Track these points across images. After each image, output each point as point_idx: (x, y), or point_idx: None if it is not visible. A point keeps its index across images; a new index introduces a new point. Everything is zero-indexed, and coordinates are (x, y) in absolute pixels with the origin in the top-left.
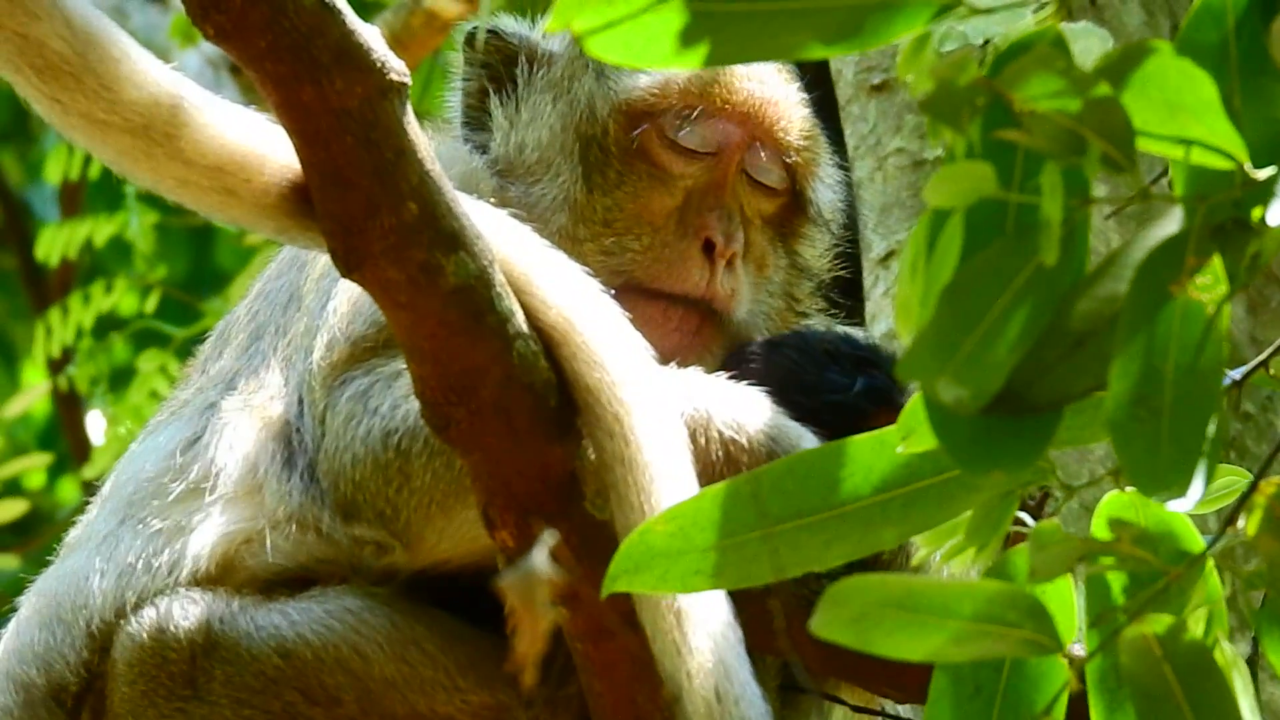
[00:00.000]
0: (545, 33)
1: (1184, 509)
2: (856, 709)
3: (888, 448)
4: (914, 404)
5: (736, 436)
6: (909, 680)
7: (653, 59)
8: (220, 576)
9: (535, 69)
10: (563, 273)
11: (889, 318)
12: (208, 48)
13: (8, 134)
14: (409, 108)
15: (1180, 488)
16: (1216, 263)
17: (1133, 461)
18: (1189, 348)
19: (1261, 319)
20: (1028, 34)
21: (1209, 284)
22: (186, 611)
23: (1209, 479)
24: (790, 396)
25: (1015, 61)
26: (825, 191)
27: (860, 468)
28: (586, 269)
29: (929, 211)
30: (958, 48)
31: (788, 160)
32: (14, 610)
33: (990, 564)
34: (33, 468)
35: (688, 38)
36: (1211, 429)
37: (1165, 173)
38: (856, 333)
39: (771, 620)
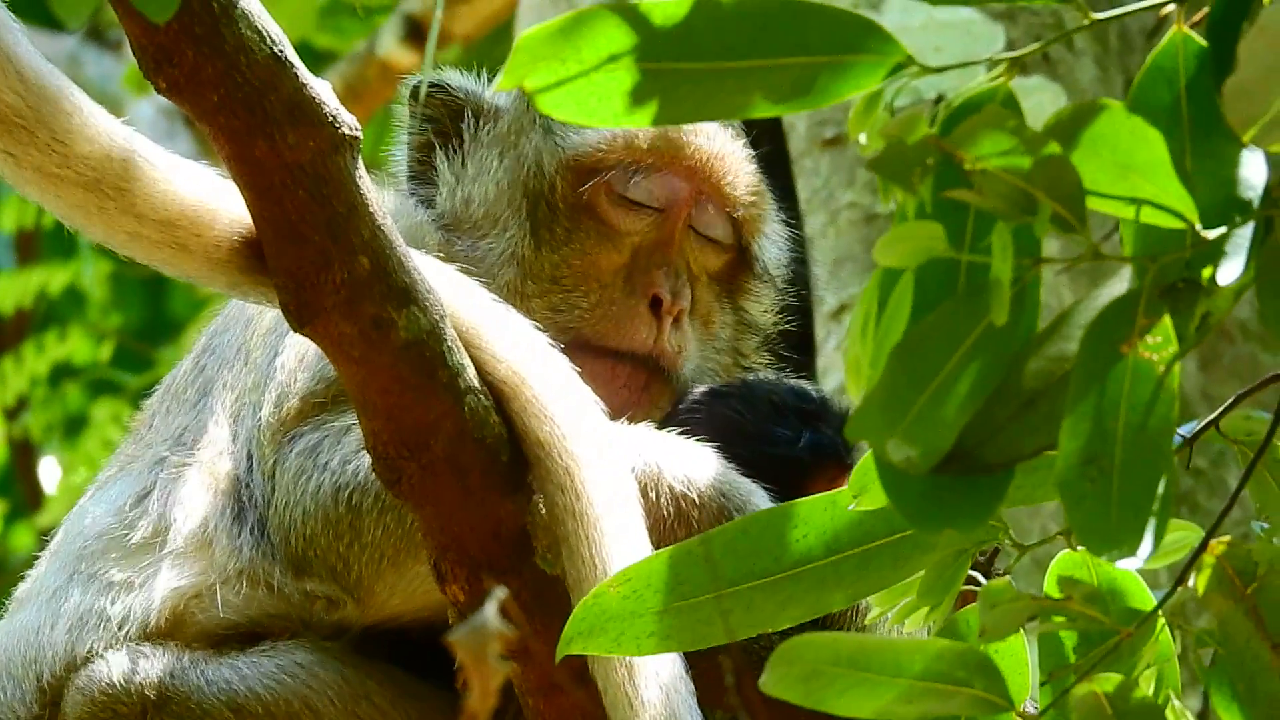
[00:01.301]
0: (497, 90)
1: (1134, 567)
2: None
3: (840, 507)
4: (865, 462)
5: (687, 491)
6: None
7: (605, 117)
8: (171, 631)
9: (481, 124)
10: (512, 327)
11: (841, 372)
12: (163, 99)
13: None
14: (360, 162)
15: (1130, 547)
16: (1167, 322)
17: (1083, 522)
18: (1139, 407)
19: (1213, 375)
20: (979, 92)
21: (1159, 344)
22: (137, 666)
23: (1159, 538)
24: (733, 447)
25: (966, 121)
26: (772, 248)
27: (813, 528)
28: (535, 325)
29: (879, 271)
30: (909, 105)
31: (734, 216)
32: None
33: (942, 623)
34: None
35: (640, 96)
36: (1161, 488)
37: (1116, 229)
38: (806, 386)
39: (722, 675)
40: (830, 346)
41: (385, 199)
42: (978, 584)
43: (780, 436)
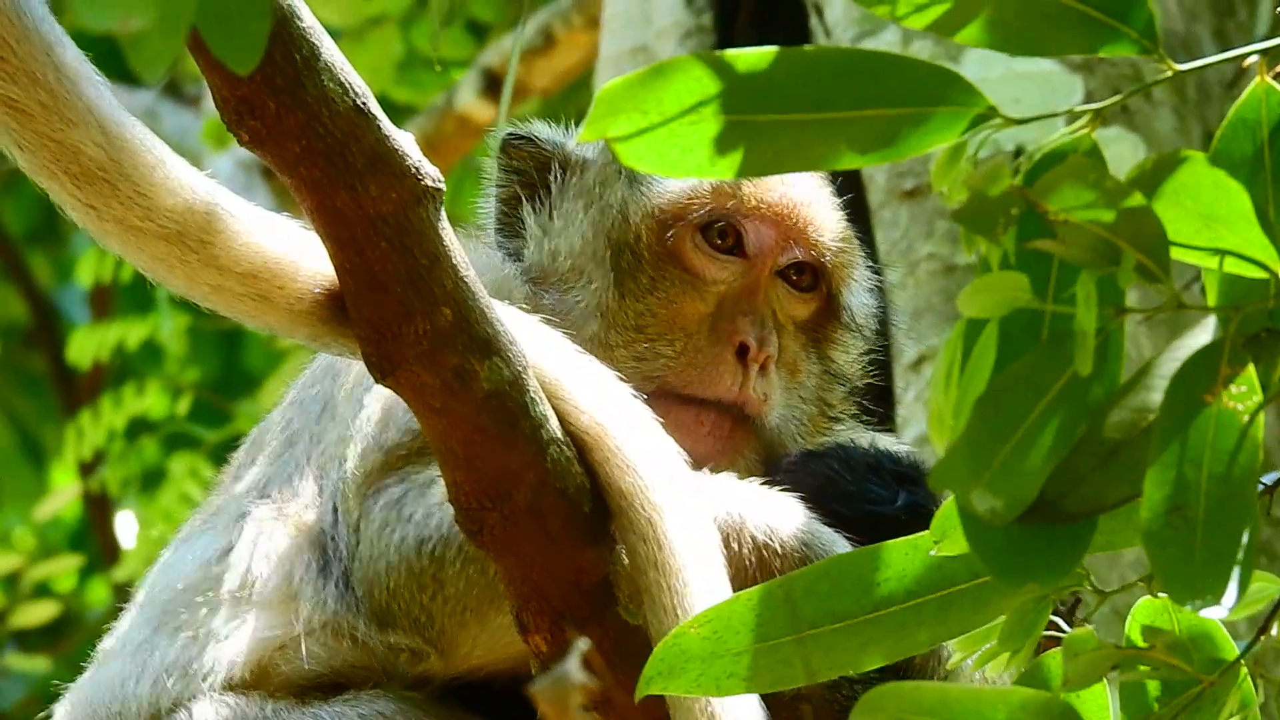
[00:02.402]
0: (579, 141)
1: (1219, 617)
2: None
3: (921, 551)
4: (948, 508)
5: (770, 541)
6: None
7: (686, 168)
8: (255, 682)
9: (569, 176)
10: (595, 378)
11: (921, 423)
12: (240, 152)
13: (38, 235)
14: (443, 213)
15: (1215, 595)
16: (1251, 372)
17: (1167, 569)
18: (1223, 457)
19: None
20: (1062, 144)
21: (1243, 393)
22: (220, 715)
23: (1244, 586)
24: (830, 505)
25: (1049, 171)
26: (859, 295)
27: (894, 572)
28: (619, 375)
29: (963, 321)
30: (989, 157)
31: (822, 264)
32: (48, 717)
33: (1023, 669)
34: (63, 570)
35: (721, 147)
36: (1246, 537)
37: (1197, 278)
38: (897, 448)
39: None
40: (910, 398)
41: (473, 251)
42: (1059, 630)
43: (878, 496)
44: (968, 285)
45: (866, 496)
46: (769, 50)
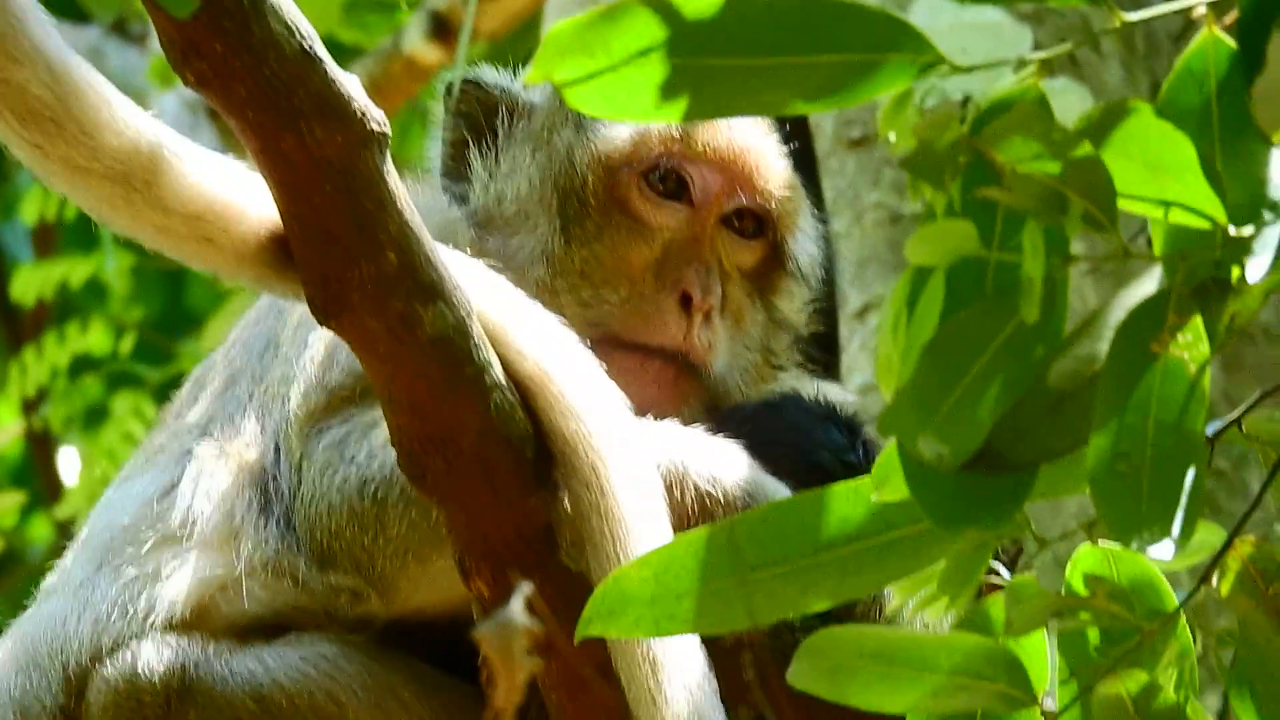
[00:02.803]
0: (525, 84)
1: (1164, 556)
2: None
3: (863, 497)
4: (888, 454)
5: (713, 490)
6: None
7: (633, 112)
8: (195, 622)
9: (515, 120)
10: (539, 324)
11: (865, 372)
12: (187, 91)
13: None
14: (389, 157)
15: (1161, 531)
16: (1197, 321)
17: (1113, 515)
18: (1170, 405)
19: (1236, 377)
20: (1010, 92)
21: (1190, 342)
22: (161, 656)
23: (1189, 527)
24: (803, 452)
25: (997, 120)
26: (805, 244)
27: (836, 517)
28: (563, 321)
29: (910, 269)
30: (938, 105)
31: (767, 210)
32: None
33: (963, 614)
34: (5, 507)
35: (669, 91)
36: (1191, 480)
37: (1143, 230)
38: (841, 398)
39: (744, 672)
40: (855, 346)
41: (419, 195)
42: (1001, 577)
43: (839, 444)
44: (914, 233)
45: (835, 445)
46: None
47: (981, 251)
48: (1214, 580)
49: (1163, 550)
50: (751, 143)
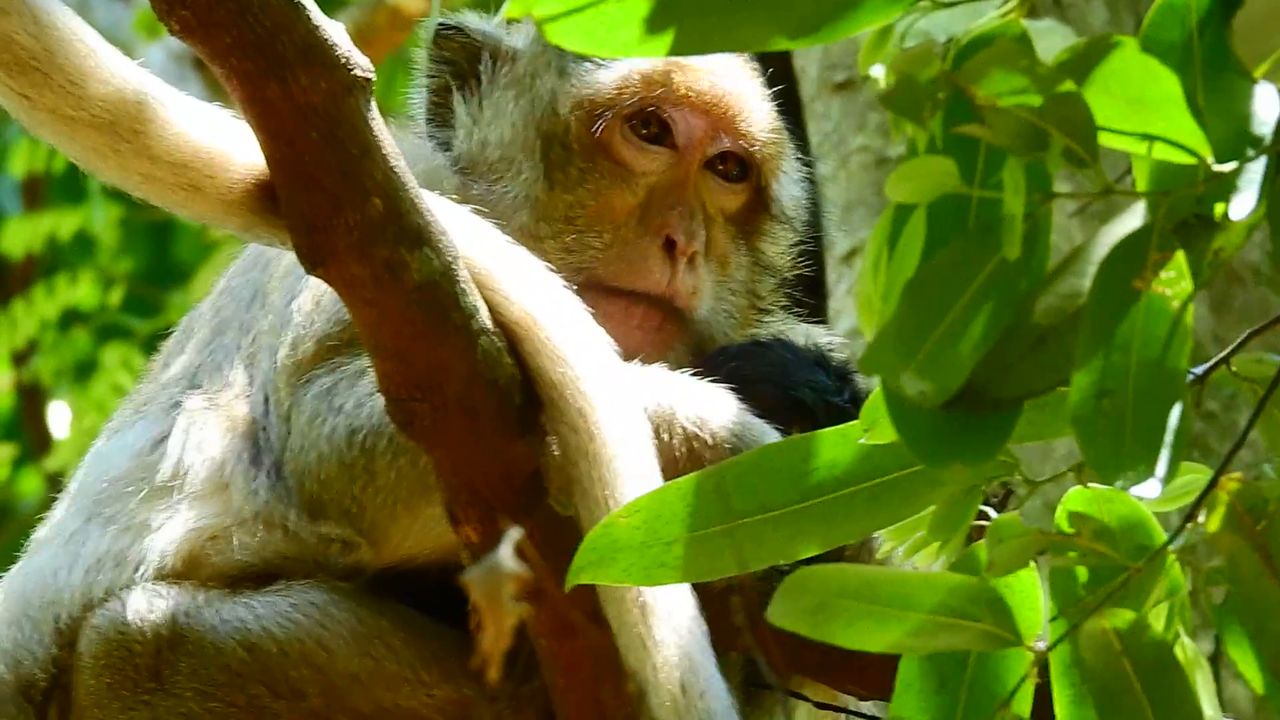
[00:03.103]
0: (506, 21)
1: (1149, 494)
2: (820, 705)
3: (851, 442)
4: (875, 397)
5: (700, 432)
6: (872, 676)
7: (614, 47)
8: (186, 572)
9: (499, 66)
10: (525, 269)
11: (852, 316)
12: (172, 43)
13: None
14: (373, 104)
15: (1146, 471)
16: (1180, 258)
17: (1096, 453)
18: (1153, 343)
19: (1225, 318)
20: (990, 29)
21: (1173, 279)
22: (152, 605)
23: (1173, 466)
24: (792, 394)
25: (977, 56)
26: (789, 187)
27: (824, 462)
28: (548, 266)
29: (891, 206)
30: (919, 43)
31: (751, 155)
32: None
33: (953, 559)
34: None
35: (650, 26)
36: (1176, 419)
37: (1128, 172)
38: (829, 343)
39: (734, 616)
40: (842, 290)
41: (403, 142)
42: (989, 520)
43: (827, 385)
44: (895, 171)
45: (821, 386)
46: None
47: (963, 188)
48: (1201, 518)
49: (1148, 489)
50: (735, 86)
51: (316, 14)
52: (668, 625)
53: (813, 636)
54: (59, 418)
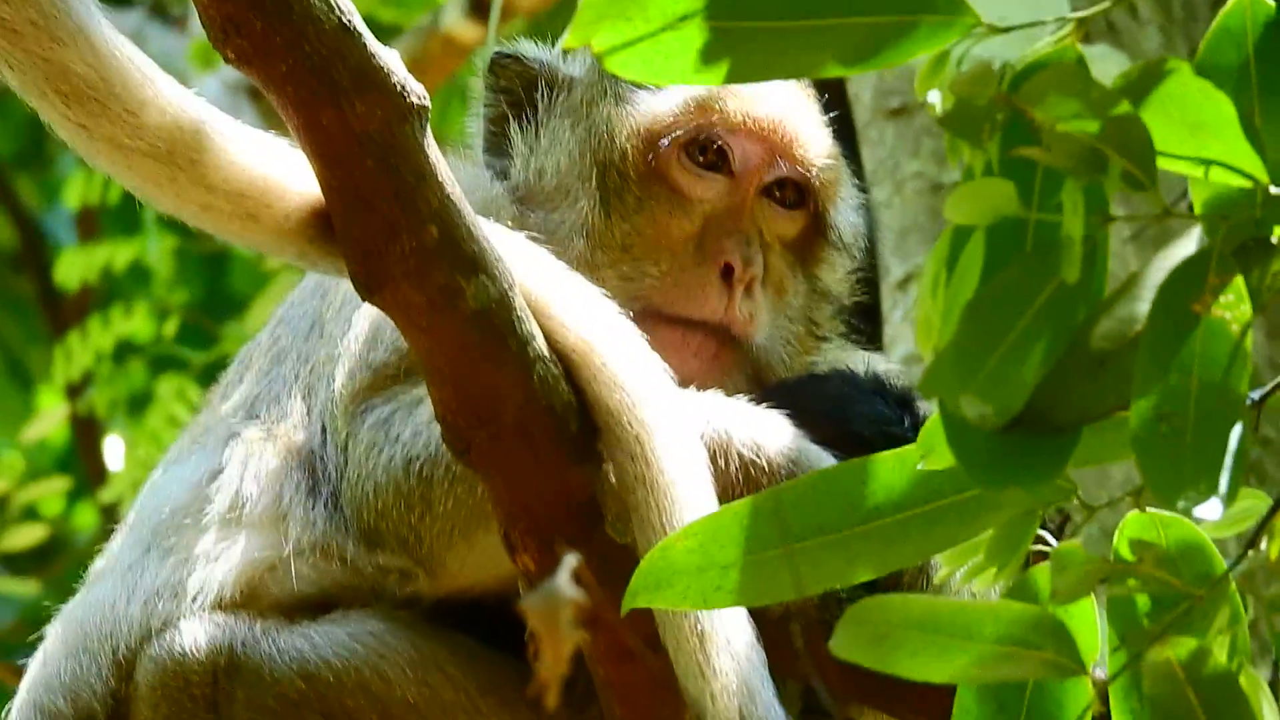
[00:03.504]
0: (563, 50)
1: (1210, 515)
2: None
3: (908, 465)
4: (934, 421)
5: (756, 458)
6: (931, 704)
7: (671, 76)
8: (244, 602)
9: (555, 94)
10: (582, 296)
11: (908, 342)
12: (227, 73)
13: (24, 158)
14: (429, 131)
15: (1207, 491)
16: (1239, 281)
17: (1156, 475)
18: (1213, 366)
19: None
20: (1047, 53)
21: (1232, 303)
22: (209, 634)
23: (1233, 488)
24: (849, 427)
25: (1035, 78)
26: (846, 214)
27: (881, 485)
28: (605, 294)
29: (950, 229)
30: (975, 65)
31: (808, 181)
32: (39, 638)
33: (1011, 584)
34: (50, 493)
35: (706, 55)
36: (1235, 441)
37: (1184, 196)
38: (888, 370)
39: (793, 644)
40: (897, 317)
41: (459, 170)
42: (1047, 546)
43: (886, 415)
44: (953, 192)
45: (880, 417)
46: None
47: (1021, 211)
48: (1262, 545)
49: (1209, 510)
50: (790, 112)
51: (371, 41)
52: (726, 653)
53: (876, 667)
54: (114, 450)
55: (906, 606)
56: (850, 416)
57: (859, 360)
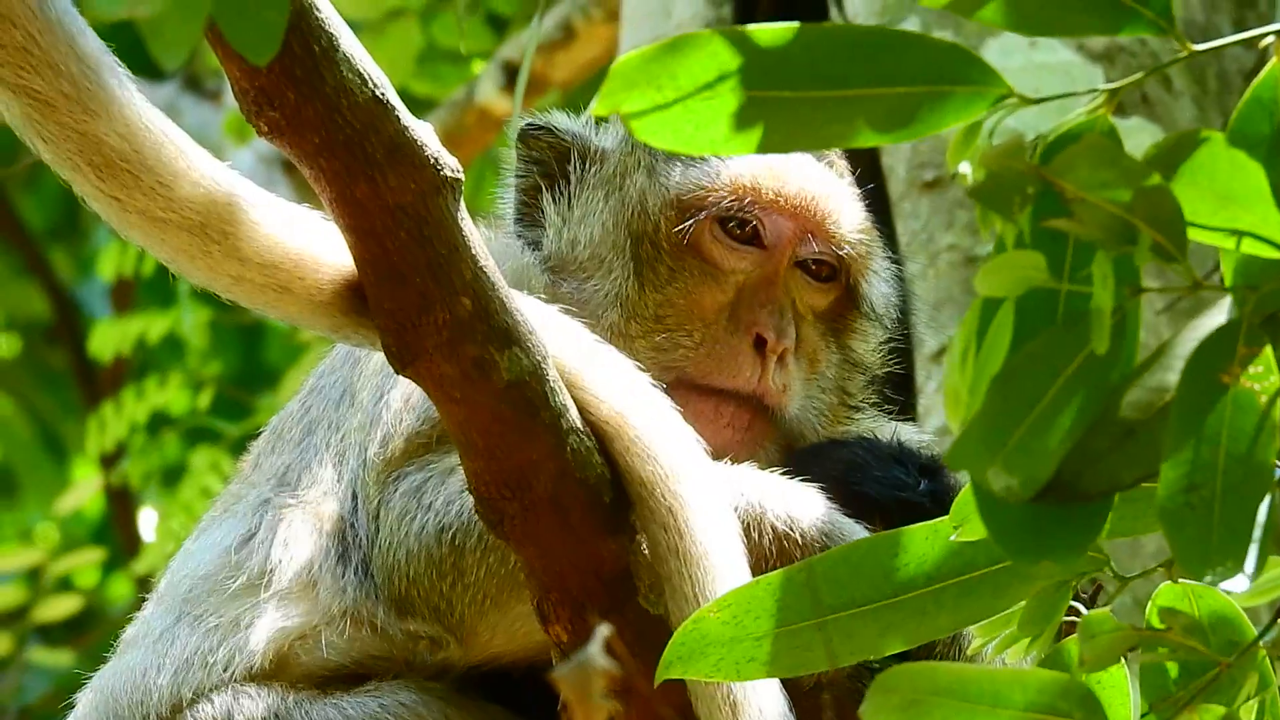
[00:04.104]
0: (594, 119)
1: (1237, 589)
2: None
3: (941, 537)
4: (966, 493)
5: (790, 531)
6: None
7: (702, 145)
8: (275, 672)
9: (588, 166)
10: (615, 368)
11: (941, 414)
12: (261, 145)
13: (59, 231)
14: (462, 203)
15: (1233, 567)
16: (1268, 352)
17: (1183, 547)
18: (1241, 437)
19: None
20: (1078, 124)
21: (1261, 374)
22: (243, 707)
23: (1261, 561)
24: (856, 489)
25: (1066, 150)
26: (878, 285)
27: (914, 557)
28: (638, 365)
29: (979, 300)
30: (1008, 138)
31: (841, 254)
32: (71, 707)
33: (1044, 654)
34: (85, 564)
35: (737, 124)
36: (1264, 514)
37: (1216, 268)
38: (918, 439)
39: (824, 713)
40: (931, 389)
41: (492, 241)
42: (1079, 616)
43: (903, 481)
44: (984, 264)
45: (893, 481)
46: (787, 26)
47: (1051, 282)
48: None
49: (1236, 585)
50: (823, 189)
51: (404, 113)
52: None
53: None
54: (148, 522)
55: (936, 674)
56: (864, 480)
57: (889, 431)
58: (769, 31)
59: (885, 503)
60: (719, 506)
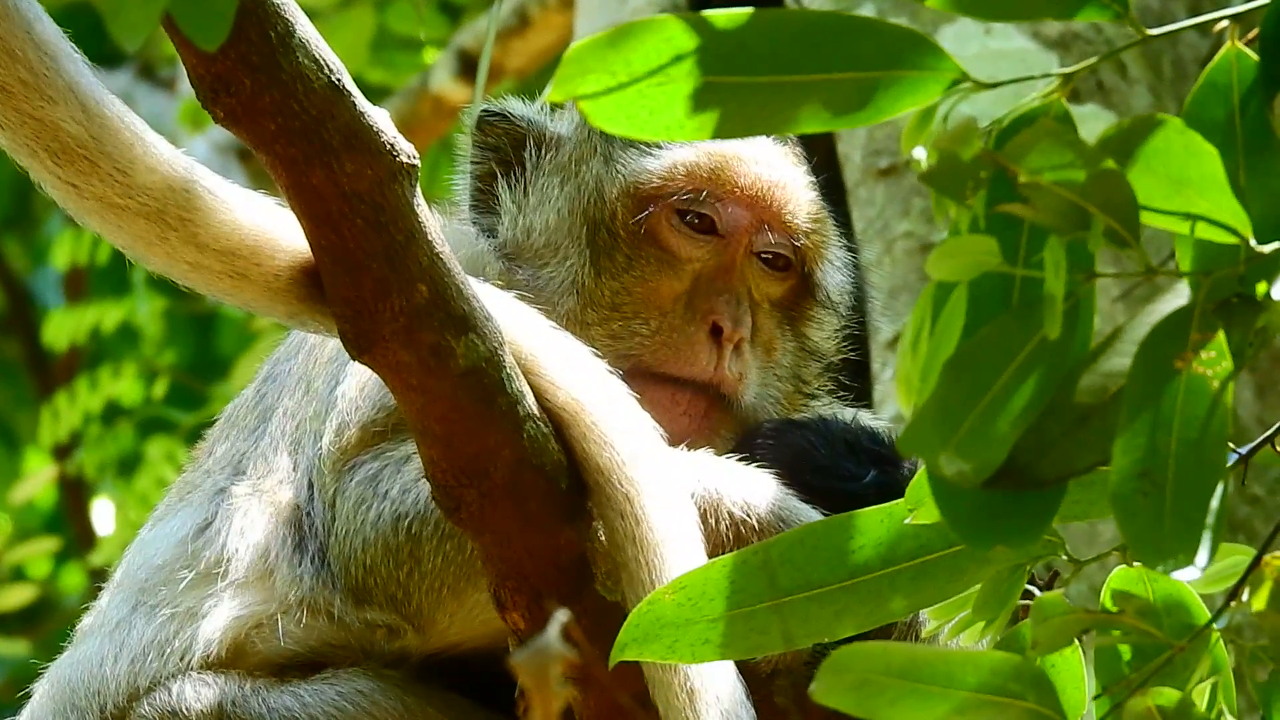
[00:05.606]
0: (549, 105)
1: (1191, 578)
2: None
3: (896, 520)
4: (921, 477)
5: (747, 517)
6: None
7: (656, 130)
8: (232, 660)
9: (544, 152)
10: (571, 355)
11: (897, 401)
12: (216, 134)
13: (11, 220)
14: (418, 190)
15: (1185, 557)
16: (1221, 338)
17: (1136, 534)
18: (1193, 423)
19: (1269, 402)
20: (1032, 108)
21: (1213, 359)
22: (199, 693)
23: (1214, 549)
24: (800, 476)
25: (1020, 134)
26: (834, 274)
27: (869, 540)
28: (595, 352)
29: (932, 285)
30: (961, 121)
31: (796, 243)
32: (28, 697)
33: (998, 638)
34: (38, 554)
35: (691, 109)
36: (1216, 501)
37: (1172, 256)
38: (876, 425)
39: (780, 700)
40: (887, 376)
41: (447, 228)
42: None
43: (849, 472)
44: (936, 249)
45: (837, 471)
46: (742, 11)
47: (1004, 267)
48: (1244, 595)
49: (1188, 575)
50: (778, 179)
51: (361, 100)
52: (715, 709)
53: (856, 714)
54: (102, 512)
55: (887, 654)
56: (810, 468)
57: (846, 416)
58: (724, 16)
59: (825, 492)
60: (676, 493)
